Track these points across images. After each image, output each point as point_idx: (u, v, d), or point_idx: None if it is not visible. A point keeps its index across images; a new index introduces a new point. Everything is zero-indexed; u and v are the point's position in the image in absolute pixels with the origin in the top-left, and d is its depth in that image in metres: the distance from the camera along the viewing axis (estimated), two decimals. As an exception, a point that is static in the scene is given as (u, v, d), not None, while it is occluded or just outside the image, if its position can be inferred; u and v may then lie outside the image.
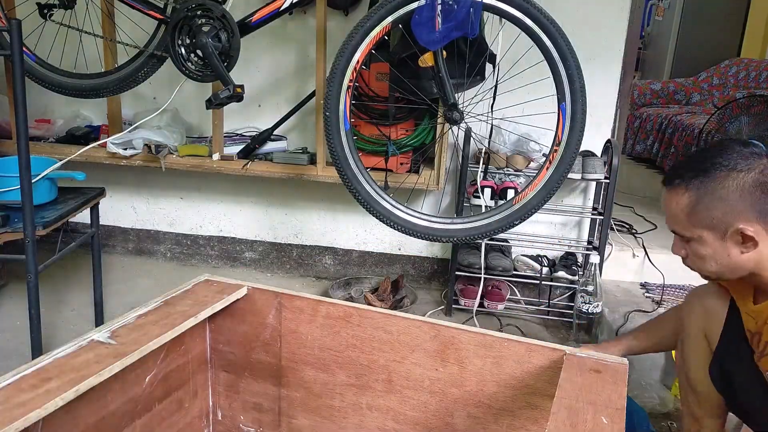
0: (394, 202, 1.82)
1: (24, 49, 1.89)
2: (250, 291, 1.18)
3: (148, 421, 1.08)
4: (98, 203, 2.06)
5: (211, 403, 1.26)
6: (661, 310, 2.19)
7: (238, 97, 1.94)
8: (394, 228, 1.82)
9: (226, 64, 1.91)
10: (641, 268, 2.48)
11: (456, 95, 1.80)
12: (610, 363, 0.96)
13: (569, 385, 0.91)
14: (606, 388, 0.90)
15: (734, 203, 1.09)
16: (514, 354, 1.05)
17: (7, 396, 0.79)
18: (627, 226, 2.78)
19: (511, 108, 2.25)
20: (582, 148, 1.82)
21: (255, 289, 1.18)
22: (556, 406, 0.85)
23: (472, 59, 1.86)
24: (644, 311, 2.17)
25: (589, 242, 2.49)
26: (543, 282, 2.41)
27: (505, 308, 2.40)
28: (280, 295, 1.17)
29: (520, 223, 1.79)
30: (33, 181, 1.66)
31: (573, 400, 0.87)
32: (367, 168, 1.84)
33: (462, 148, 2.25)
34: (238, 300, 1.18)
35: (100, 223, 2.15)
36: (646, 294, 2.34)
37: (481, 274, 2.32)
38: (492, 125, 2.31)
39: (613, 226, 2.65)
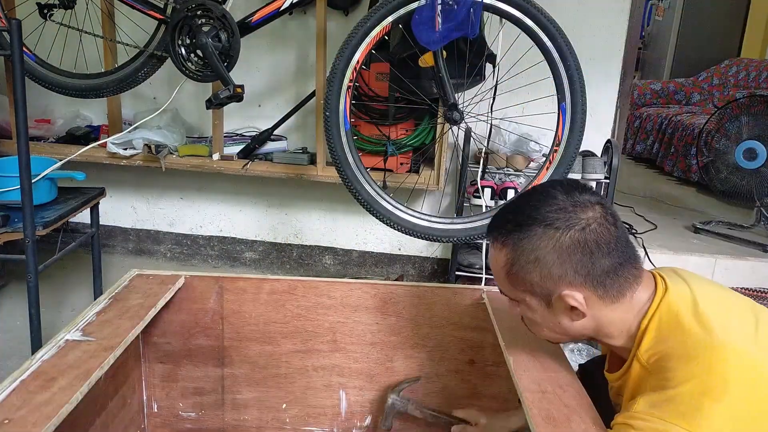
0: (394, 202, 1.82)
1: (24, 49, 1.89)
2: (188, 280, 1.21)
3: (105, 419, 1.09)
4: (98, 203, 2.06)
5: (145, 397, 1.28)
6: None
7: (238, 97, 1.94)
8: (394, 228, 1.82)
9: (226, 64, 1.91)
10: (641, 268, 2.48)
11: (456, 95, 1.80)
12: None
13: (500, 312, 1.10)
14: None
15: (552, 267, 0.93)
16: (443, 298, 1.22)
17: (25, 399, 0.78)
18: (627, 226, 2.78)
19: (511, 108, 2.25)
20: (582, 148, 1.82)
21: (193, 277, 1.21)
22: (500, 326, 1.04)
23: (472, 59, 1.86)
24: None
25: (589, 242, 2.48)
26: (543, 282, 2.40)
27: (505, 308, 2.39)
28: (220, 279, 1.22)
29: (520, 223, 1.79)
30: (33, 181, 1.66)
31: (509, 321, 1.06)
32: (367, 168, 1.84)
33: (462, 148, 2.25)
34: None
35: (100, 223, 2.15)
36: (646, 294, 2.34)
37: (481, 274, 2.32)
38: (491, 125, 2.31)
39: (613, 226, 2.64)
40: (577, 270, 0.92)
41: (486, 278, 2.33)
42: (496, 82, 2.04)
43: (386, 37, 1.76)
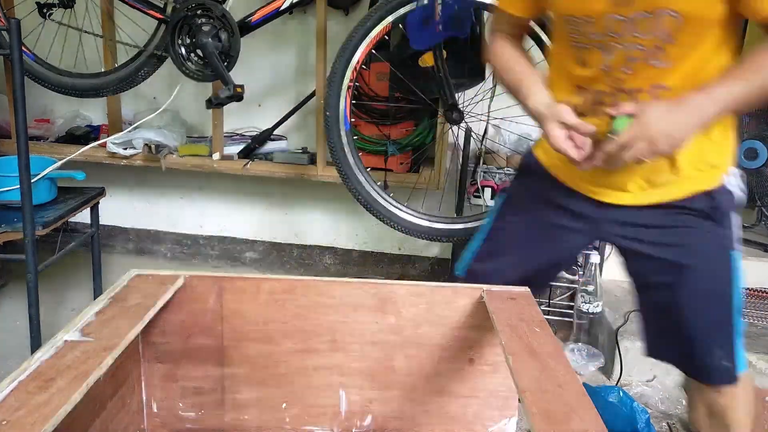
0: (394, 202, 1.82)
1: (23, 48, 1.89)
2: (187, 280, 1.21)
3: (104, 420, 1.09)
4: (98, 203, 2.06)
5: (144, 397, 1.28)
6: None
7: (238, 97, 1.94)
8: (394, 228, 1.82)
9: (226, 63, 1.91)
10: (641, 268, 2.48)
11: (456, 95, 1.80)
12: (518, 292, 1.20)
13: (500, 310, 1.12)
14: (525, 309, 1.12)
15: None
16: (443, 297, 1.22)
17: (23, 400, 0.78)
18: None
19: (512, 108, 2.25)
20: (582, 147, 1.82)
21: (192, 277, 1.21)
22: (500, 325, 1.06)
23: (472, 59, 1.86)
24: (644, 311, 2.16)
25: (590, 242, 2.48)
26: (543, 282, 2.40)
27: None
28: (220, 279, 1.22)
29: (521, 222, 1.79)
30: (33, 180, 1.66)
31: (508, 320, 1.08)
32: (367, 168, 1.84)
33: (462, 148, 2.25)
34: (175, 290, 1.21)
35: (100, 223, 2.15)
36: (646, 294, 2.34)
37: (481, 274, 2.31)
38: (487, 124, 2.31)
39: (614, 226, 2.64)
40: None
41: (486, 278, 2.32)
42: (496, 82, 2.04)
43: (386, 37, 1.76)
